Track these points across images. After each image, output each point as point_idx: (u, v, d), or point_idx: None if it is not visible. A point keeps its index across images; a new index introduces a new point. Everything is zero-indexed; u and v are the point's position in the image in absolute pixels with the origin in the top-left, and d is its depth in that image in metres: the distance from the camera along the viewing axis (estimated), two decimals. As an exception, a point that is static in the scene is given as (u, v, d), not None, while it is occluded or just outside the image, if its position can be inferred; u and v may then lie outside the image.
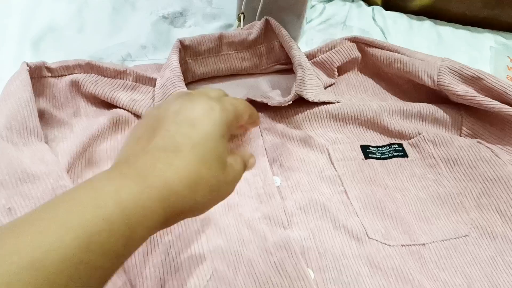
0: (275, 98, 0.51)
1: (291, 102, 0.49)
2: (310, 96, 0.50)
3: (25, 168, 0.39)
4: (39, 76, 0.48)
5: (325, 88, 0.56)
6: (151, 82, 0.51)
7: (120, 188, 0.23)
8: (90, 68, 0.49)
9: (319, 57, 0.57)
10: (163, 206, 0.25)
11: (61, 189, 0.39)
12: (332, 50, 0.56)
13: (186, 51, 0.54)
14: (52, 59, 0.49)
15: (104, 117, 0.47)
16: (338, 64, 0.56)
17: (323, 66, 0.57)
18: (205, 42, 0.54)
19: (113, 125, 0.47)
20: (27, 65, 0.45)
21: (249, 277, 0.39)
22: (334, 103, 0.52)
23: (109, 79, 0.49)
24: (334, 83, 0.57)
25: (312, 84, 0.52)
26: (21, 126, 0.41)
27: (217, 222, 0.42)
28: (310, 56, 0.57)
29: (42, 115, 0.46)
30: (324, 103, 0.51)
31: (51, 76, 0.48)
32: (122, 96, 0.49)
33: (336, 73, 0.56)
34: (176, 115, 0.29)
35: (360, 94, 0.55)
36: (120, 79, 0.50)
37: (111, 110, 0.48)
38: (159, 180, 0.25)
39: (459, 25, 0.68)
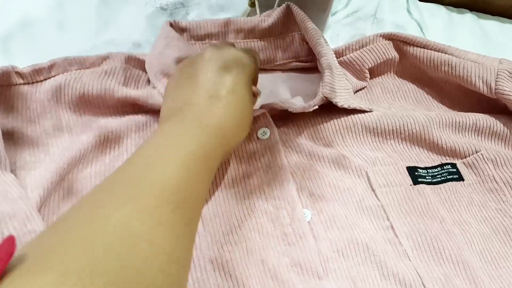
0: (296, 103, 0.42)
1: (317, 107, 0.40)
2: (340, 100, 0.41)
3: None
4: (7, 84, 0.38)
5: (354, 93, 0.46)
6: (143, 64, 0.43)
7: (187, 130, 0.30)
8: (68, 64, 0.40)
9: (348, 55, 0.47)
10: (221, 142, 0.32)
11: (28, 234, 0.29)
12: (364, 48, 0.47)
13: (182, 35, 0.45)
14: (25, 62, 0.39)
15: (89, 134, 0.37)
16: (370, 65, 0.47)
17: (352, 67, 0.47)
18: (206, 26, 0.45)
19: (99, 144, 0.37)
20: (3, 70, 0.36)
21: None
22: (367, 111, 0.42)
23: (94, 68, 0.40)
24: (365, 87, 0.47)
25: (341, 86, 0.42)
26: None
27: (235, 272, 0.33)
28: (337, 54, 0.47)
29: (11, 136, 0.37)
30: (356, 110, 0.42)
31: (24, 83, 0.39)
32: (115, 86, 0.40)
33: (368, 75, 0.47)
34: (210, 63, 0.34)
35: (399, 101, 0.46)
36: (106, 64, 0.41)
37: (98, 125, 0.39)
38: (213, 122, 0.31)
39: (506, 19, 0.59)
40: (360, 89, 0.47)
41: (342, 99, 0.42)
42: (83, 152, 0.36)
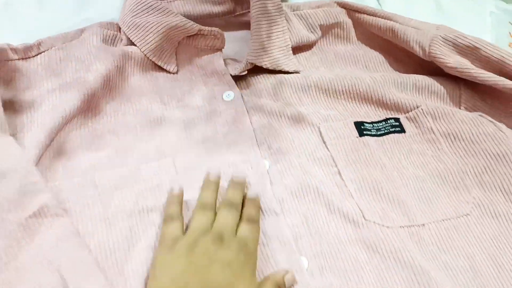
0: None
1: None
2: (267, 62, 0.46)
3: None
4: (5, 59, 0.43)
5: (305, 47, 0.52)
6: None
7: None
8: (54, 40, 0.46)
9: (303, 11, 0.52)
10: None
11: (30, 187, 0.35)
12: (319, 9, 0.52)
13: None
14: (8, 41, 0.44)
15: (72, 92, 0.42)
16: (322, 23, 0.52)
17: (305, 20, 0.52)
18: None
19: (83, 106, 0.42)
20: None
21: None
22: (292, 73, 0.48)
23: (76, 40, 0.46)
24: (316, 43, 0.52)
25: (276, 44, 0.47)
26: None
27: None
28: (294, 7, 0.52)
29: (12, 105, 0.42)
30: (312, 73, 0.48)
31: (19, 59, 0.44)
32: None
33: (320, 32, 0.52)
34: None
35: (350, 66, 0.52)
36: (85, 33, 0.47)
37: (81, 83, 0.43)
38: None
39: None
40: (312, 43, 0.52)
41: (271, 61, 0.47)
42: (69, 114, 0.41)
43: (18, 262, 0.32)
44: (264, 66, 0.47)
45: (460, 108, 0.48)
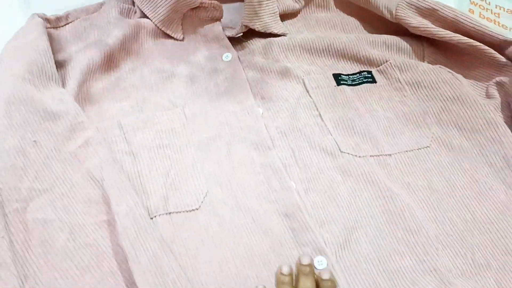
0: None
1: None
2: (259, 26, 0.55)
3: (46, 108, 0.44)
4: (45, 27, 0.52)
5: (290, 15, 0.60)
6: None
7: None
8: (78, 12, 0.54)
9: None
10: None
11: (79, 125, 0.44)
12: None
13: None
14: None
15: (95, 50, 0.51)
16: None
17: None
18: None
19: (105, 62, 0.51)
20: (39, 16, 0.50)
21: (240, 193, 0.45)
22: (280, 35, 0.57)
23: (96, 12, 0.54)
24: (300, 12, 0.61)
25: (266, 12, 0.56)
26: (41, 72, 0.46)
27: (208, 149, 0.48)
28: None
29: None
30: (276, 35, 0.57)
31: (51, 27, 0.53)
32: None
33: (303, 2, 0.60)
34: None
35: (329, 30, 0.60)
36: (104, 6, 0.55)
37: (102, 44, 0.52)
38: None
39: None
40: (297, 12, 0.61)
41: (262, 25, 0.55)
42: (91, 67, 0.50)
43: (73, 180, 0.41)
44: (256, 29, 0.55)
45: (423, 62, 0.57)
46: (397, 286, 0.41)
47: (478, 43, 0.54)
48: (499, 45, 0.54)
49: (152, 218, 0.42)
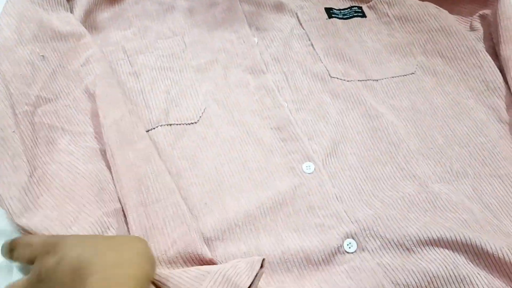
0: None
1: None
2: None
3: (54, 28, 0.48)
4: None
5: None
6: None
7: None
8: None
9: None
10: None
11: (83, 46, 0.48)
12: None
13: None
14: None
15: None
16: None
17: None
18: None
19: None
20: None
21: (235, 110, 0.49)
22: None
23: None
24: None
25: None
26: None
27: (207, 72, 0.51)
28: None
29: None
30: None
31: None
32: None
33: None
34: None
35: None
36: None
37: None
38: None
39: None
40: None
41: None
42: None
43: (75, 95, 0.45)
44: None
45: (412, -2, 0.60)
46: (378, 190, 0.44)
47: (463, -22, 0.57)
48: (482, -20, 0.57)
49: (154, 128, 0.46)
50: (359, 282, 0.38)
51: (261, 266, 0.35)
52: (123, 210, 0.41)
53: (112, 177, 0.42)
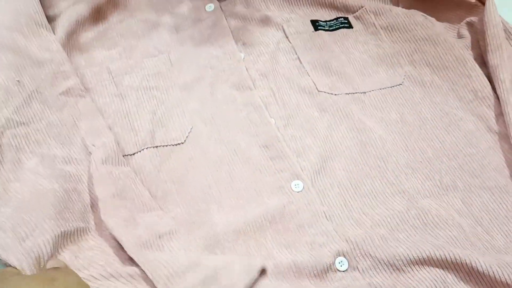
0: None
1: None
2: None
3: (32, 55, 0.47)
4: None
5: None
6: None
7: None
8: None
9: None
10: None
11: (62, 74, 0.47)
12: None
13: None
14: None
15: (83, 5, 0.54)
16: None
17: None
18: None
19: (93, 15, 0.54)
20: None
21: (222, 128, 0.48)
22: None
23: None
24: None
25: None
26: (30, 20, 0.48)
27: (193, 90, 0.51)
28: None
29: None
30: None
31: None
32: None
33: None
34: None
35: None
36: None
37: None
38: None
39: None
40: None
41: None
42: (80, 20, 0.53)
43: (49, 120, 0.45)
44: None
45: (398, 7, 0.59)
46: (368, 207, 0.44)
47: (449, -14, 0.56)
48: (469, -13, 0.57)
49: (140, 151, 0.46)
50: (350, 301, 0.38)
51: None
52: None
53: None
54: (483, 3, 0.56)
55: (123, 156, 0.45)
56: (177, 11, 0.57)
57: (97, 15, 0.55)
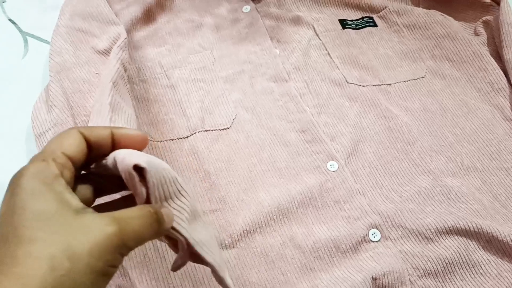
0: None
1: None
2: None
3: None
4: None
5: None
6: None
7: None
8: None
9: None
10: None
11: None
12: None
13: None
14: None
15: (136, 7, 0.60)
16: None
17: None
18: None
19: (144, 16, 0.60)
20: None
21: (263, 115, 0.54)
22: None
23: None
24: None
25: None
26: (99, 19, 0.54)
27: (235, 82, 0.56)
28: None
29: None
30: None
31: None
32: None
33: None
34: None
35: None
36: None
37: (143, 0, 0.60)
38: None
39: None
40: None
41: None
42: (134, 20, 0.58)
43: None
44: None
45: (419, 7, 0.65)
46: (397, 185, 0.49)
47: (466, -13, 0.62)
48: (484, -12, 0.62)
49: (193, 134, 0.51)
50: (383, 264, 0.43)
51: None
52: None
53: None
54: (498, 3, 0.61)
55: (178, 139, 0.50)
56: (217, 12, 0.63)
57: (147, 17, 0.60)
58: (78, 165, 0.28)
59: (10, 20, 0.63)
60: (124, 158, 0.27)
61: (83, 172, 0.30)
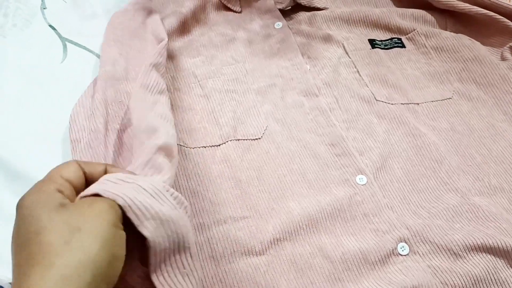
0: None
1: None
2: (304, 0, 0.66)
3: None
4: None
5: None
6: None
7: None
8: None
9: None
10: None
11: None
12: None
13: None
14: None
15: (172, 18, 0.62)
16: None
17: None
18: None
19: (180, 28, 0.62)
20: None
21: (293, 127, 0.55)
22: (322, 9, 0.67)
23: None
24: None
25: None
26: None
27: (266, 94, 0.58)
28: None
29: None
30: (319, 9, 0.67)
31: None
32: None
33: None
34: None
35: (364, 5, 0.70)
36: None
37: (179, 13, 0.63)
38: None
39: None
40: None
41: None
42: (170, 31, 0.61)
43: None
44: (302, 3, 0.66)
45: (446, 31, 0.66)
46: (424, 201, 0.50)
47: (493, 14, 0.63)
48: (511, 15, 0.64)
49: (225, 143, 0.52)
50: (412, 278, 0.43)
51: None
52: None
53: None
54: (525, 30, 0.62)
55: (211, 146, 0.52)
56: (249, 28, 0.65)
57: (183, 28, 0.63)
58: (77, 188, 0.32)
59: (50, 26, 0.65)
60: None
61: None
